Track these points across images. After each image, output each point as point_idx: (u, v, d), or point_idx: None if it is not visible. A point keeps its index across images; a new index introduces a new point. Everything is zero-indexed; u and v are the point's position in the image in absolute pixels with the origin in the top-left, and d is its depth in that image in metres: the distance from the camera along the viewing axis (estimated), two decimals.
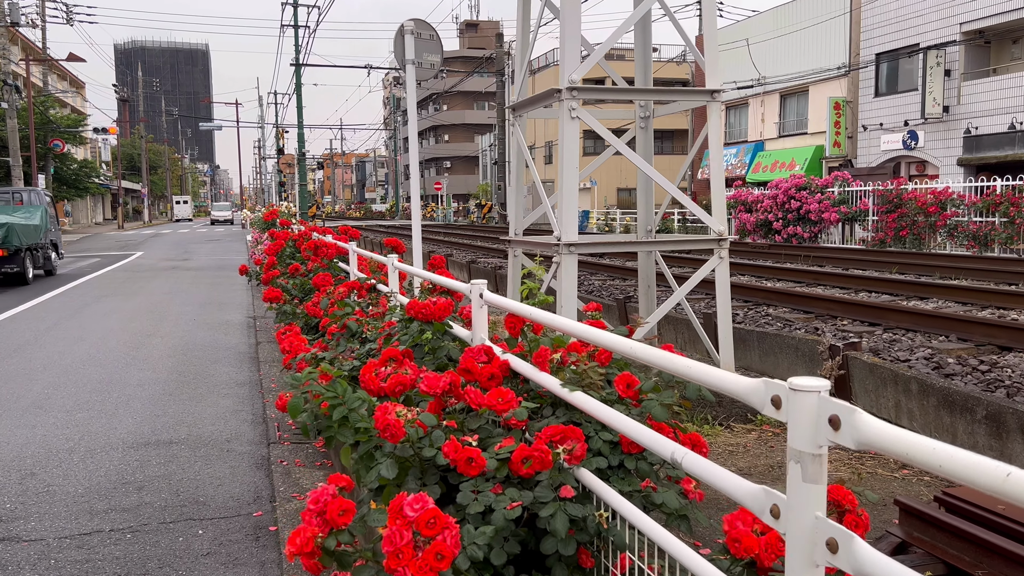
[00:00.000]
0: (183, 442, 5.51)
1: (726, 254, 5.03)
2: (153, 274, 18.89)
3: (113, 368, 8.04)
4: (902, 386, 4.29)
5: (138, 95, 76.00)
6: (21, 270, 15.79)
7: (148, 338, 9.86)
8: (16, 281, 15.99)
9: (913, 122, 24.66)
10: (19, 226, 15.70)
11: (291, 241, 10.28)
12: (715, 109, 5.75)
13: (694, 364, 1.94)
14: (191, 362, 8.33)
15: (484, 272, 13.58)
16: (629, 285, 13.04)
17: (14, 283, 16.02)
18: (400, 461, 2.22)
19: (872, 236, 17.26)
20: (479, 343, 3.16)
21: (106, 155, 67.45)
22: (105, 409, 6.41)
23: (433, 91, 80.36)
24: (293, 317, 6.98)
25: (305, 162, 35.43)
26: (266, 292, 6.75)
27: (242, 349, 9.13)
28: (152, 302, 13.46)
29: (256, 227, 25.41)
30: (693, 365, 1.93)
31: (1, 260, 15.32)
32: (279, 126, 49.34)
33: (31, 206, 17.95)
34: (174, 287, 15.85)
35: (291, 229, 11.75)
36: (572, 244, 4.85)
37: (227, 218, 66.28)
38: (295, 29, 32.11)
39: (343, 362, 3.86)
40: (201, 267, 20.95)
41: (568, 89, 4.74)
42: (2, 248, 15.16)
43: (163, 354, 8.78)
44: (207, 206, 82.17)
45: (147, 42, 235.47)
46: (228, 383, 7.33)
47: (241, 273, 11.63)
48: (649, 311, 6.07)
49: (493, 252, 19.80)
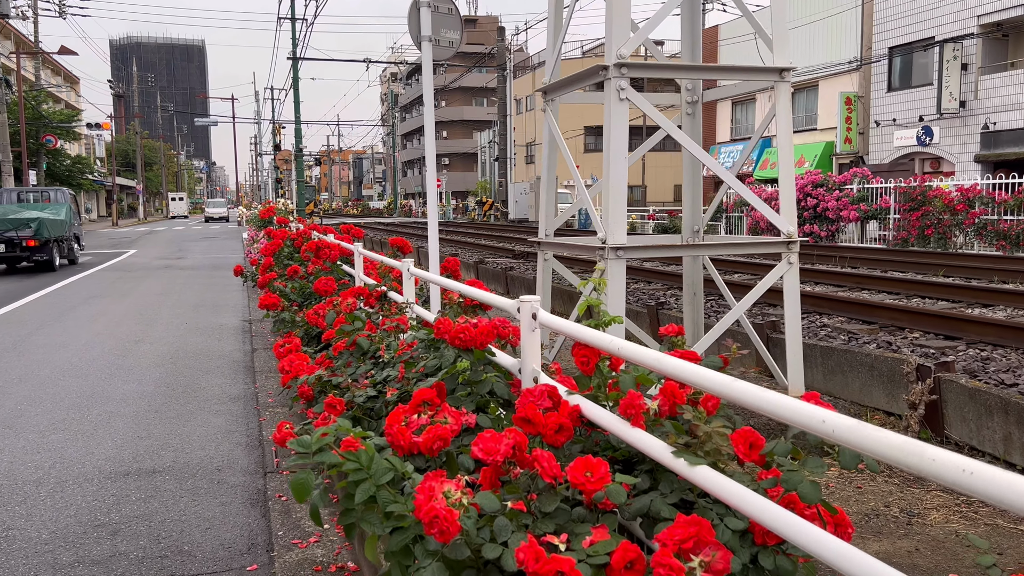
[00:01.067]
0: (168, 471, 4.85)
1: (796, 259, 4.34)
2: (145, 273, 18.21)
3: (96, 379, 7.37)
4: (1014, 416, 3.63)
5: (133, 90, 75.06)
6: (50, 258, 18.28)
7: (136, 344, 9.19)
8: (45, 268, 18.55)
9: (928, 117, 24.02)
10: (48, 221, 18.13)
11: (289, 240, 9.62)
12: (784, 91, 5.10)
13: (887, 437, 1.32)
14: (181, 372, 7.67)
15: (494, 274, 12.89)
16: (656, 289, 12.28)
17: (44, 269, 18.57)
18: (451, 564, 1.58)
19: (894, 235, 16.59)
20: (530, 375, 2.51)
21: (100, 151, 66.65)
22: (83, 429, 5.75)
23: None
24: (292, 325, 6.33)
25: (303, 158, 34.72)
26: (262, 298, 6.10)
27: (237, 357, 8.46)
28: (143, 304, 12.79)
29: (252, 225, 24.75)
30: (884, 439, 1.32)
31: (33, 250, 17.79)
32: (276, 122, 48.62)
33: (57, 203, 20.47)
34: (166, 288, 15.17)
35: (289, 227, 11.09)
36: (620, 248, 4.19)
37: (222, 215, 65.37)
38: (292, 22, 31.37)
39: (355, 391, 3.19)
40: (195, 266, 20.27)
41: (617, 66, 4.07)
42: (34, 239, 17.64)
43: (151, 363, 8.11)
44: (203, 203, 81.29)
45: (142, 38, 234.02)
46: (220, 397, 6.67)
47: (236, 274, 10.97)
48: (695, 322, 5.40)
49: (500, 252, 19.05)
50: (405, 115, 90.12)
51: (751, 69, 4.97)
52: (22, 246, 17.61)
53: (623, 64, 4.06)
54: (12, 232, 17.51)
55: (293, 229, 12.05)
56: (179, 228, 48.48)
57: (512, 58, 39.60)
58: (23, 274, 17.94)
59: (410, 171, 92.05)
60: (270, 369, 7.78)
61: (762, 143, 32.65)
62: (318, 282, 6.02)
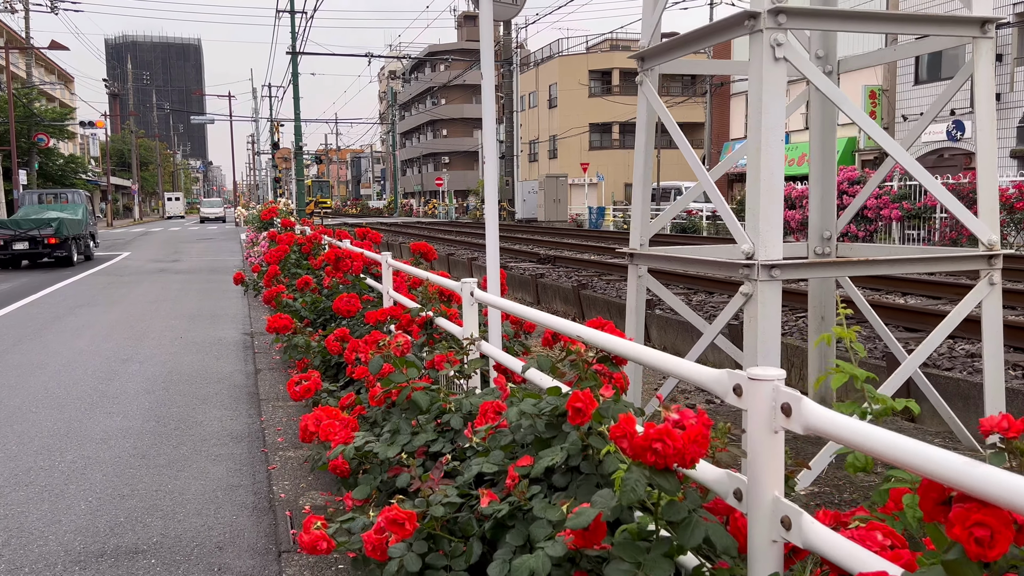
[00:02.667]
0: (154, 550, 3.78)
1: (999, 278, 3.28)
2: (138, 278, 17.11)
3: (74, 411, 6.30)
4: None
5: (128, 88, 73.80)
6: (68, 255, 19.97)
7: (124, 364, 8.10)
8: (64, 263, 20.17)
9: (960, 111, 22.98)
10: (67, 220, 19.87)
11: (296, 246, 8.55)
12: (985, 50, 4.04)
13: None
14: (174, 401, 6.59)
15: (521, 281, 11.69)
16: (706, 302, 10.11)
17: (63, 264, 20.16)
18: None
19: (941, 235, 15.50)
20: (768, 523, 1.43)
21: (95, 151, 65.44)
22: (51, 484, 4.67)
23: (431, 84, 78.50)
24: (306, 351, 5.24)
25: (302, 156, 33.60)
26: (271, 320, 5.03)
27: (238, 380, 7.39)
28: (134, 314, 11.70)
29: (252, 226, 23.67)
30: None
31: (54, 247, 19.41)
32: (274, 120, 47.50)
33: (75, 204, 22.69)
34: (160, 294, 14.08)
35: (295, 231, 10.02)
36: (776, 265, 3.11)
37: (219, 215, 63.97)
38: (292, 15, 30.24)
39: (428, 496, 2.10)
40: (192, 270, 19.17)
41: (773, 12, 2.99)
42: (55, 237, 19.22)
43: (140, 388, 7.03)
44: (199, 203, 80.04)
45: (138, 36, 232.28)
46: (220, 436, 5.60)
47: (236, 282, 9.87)
48: (823, 356, 4.30)
49: (520, 255, 17.59)
50: (404, 113, 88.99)
51: (946, 20, 3.87)
52: (44, 243, 19.28)
53: (781, 9, 2.96)
54: (35, 231, 19.22)
55: (299, 232, 10.97)
56: (175, 229, 47.32)
57: (518, 53, 38.48)
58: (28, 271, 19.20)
59: (409, 170, 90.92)
60: (277, 396, 6.71)
61: None
62: (339, 300, 4.95)
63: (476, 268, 13.91)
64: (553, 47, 52.66)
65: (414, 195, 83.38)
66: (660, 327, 7.03)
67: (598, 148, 49.24)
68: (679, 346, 6.67)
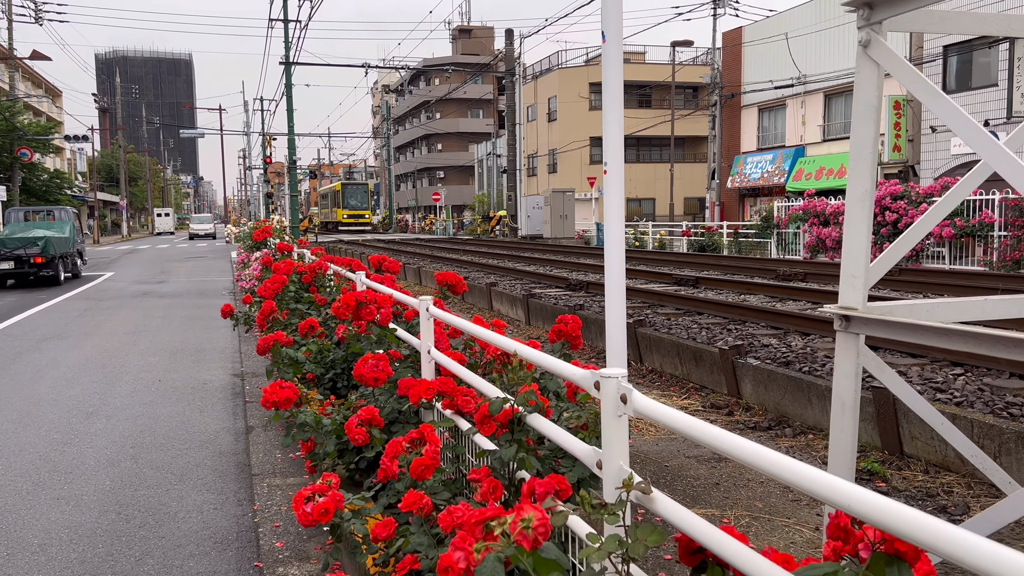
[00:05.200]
0: None
1: None
2: (118, 303, 15.67)
3: (11, 498, 4.90)
4: None
5: (117, 102, 72.30)
6: (55, 273, 19.44)
7: (87, 420, 6.70)
8: (51, 282, 19.69)
9: (995, 122, 21.78)
10: (54, 238, 19.26)
11: (297, 275, 7.16)
12: None
13: None
14: (143, 479, 5.20)
15: (550, 312, 10.10)
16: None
17: (49, 284, 19.68)
18: None
19: (1000, 255, 14.16)
20: None
21: (82, 166, 63.92)
22: None
23: (426, 98, 77.37)
24: (315, 430, 3.85)
25: (296, 171, 32.20)
26: (268, 392, 3.66)
27: (224, 443, 6.00)
28: (108, 349, 10.28)
29: (243, 244, 22.31)
30: None
31: (40, 266, 18.81)
32: (266, 134, 46.16)
33: (61, 221, 21.93)
34: (141, 324, 12.66)
35: (294, 256, 8.62)
36: None
37: (208, 232, 62.37)
38: (285, 24, 28.92)
39: None
40: (178, 292, 17.74)
41: None
42: (41, 256, 18.64)
43: (101, 459, 5.63)
44: (189, 219, 78.45)
45: (129, 51, 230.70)
46: (199, 539, 4.20)
47: (224, 315, 8.42)
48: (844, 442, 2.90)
49: (544, 279, 15.10)
50: (398, 127, 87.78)
51: None
52: (30, 263, 18.65)
53: None
54: (21, 250, 18.61)
55: (297, 257, 9.57)
56: (163, 246, 45.79)
57: (522, 63, 37.25)
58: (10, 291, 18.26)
59: (404, 185, 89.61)
60: (274, 468, 5.33)
61: (795, 152, 30.40)
62: (363, 364, 3.58)
63: (499, 296, 12.33)
64: (552, 60, 51.55)
65: (408, 210, 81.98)
66: (755, 380, 5.58)
67: (599, 162, 47.99)
68: (786, 406, 5.20)
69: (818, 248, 18.75)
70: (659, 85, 48.42)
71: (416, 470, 2.60)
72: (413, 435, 2.81)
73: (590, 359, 8.32)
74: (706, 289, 13.21)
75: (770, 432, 5.05)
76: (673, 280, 14.16)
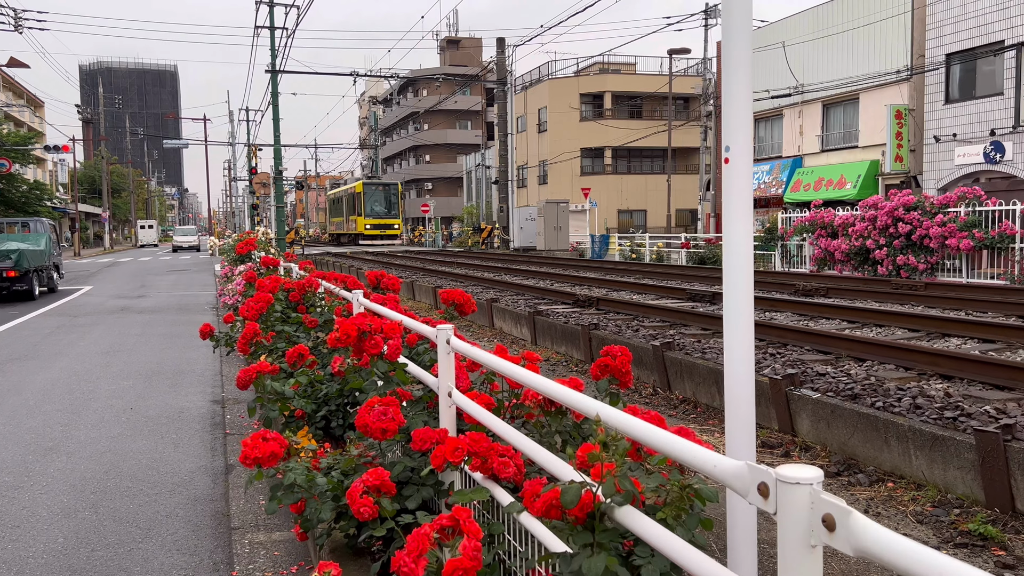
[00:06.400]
0: None
1: None
2: (94, 320, 14.83)
3: None
4: None
5: (99, 112, 71.17)
6: (30, 288, 18.77)
7: (44, 458, 5.92)
8: (25, 297, 18.93)
9: (1000, 131, 21.31)
10: (28, 251, 18.47)
11: (283, 293, 6.42)
12: None
13: None
14: (102, 534, 4.44)
15: (566, 334, 8.82)
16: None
17: (23, 298, 18.87)
18: None
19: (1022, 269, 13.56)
20: None
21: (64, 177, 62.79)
22: None
23: (414, 109, 76.75)
24: (308, 491, 3.11)
25: (282, 181, 31.38)
26: (249, 446, 2.93)
27: (201, 488, 5.25)
28: (78, 372, 9.49)
29: (226, 257, 21.51)
30: None
31: (13, 280, 18.07)
32: (252, 145, 45.33)
33: (37, 233, 21.08)
34: (116, 342, 11.85)
35: (280, 271, 7.87)
36: None
37: (192, 244, 61.21)
38: (271, 30, 28.18)
39: None
40: (157, 308, 16.92)
41: None
42: (14, 270, 17.87)
43: (56, 508, 4.87)
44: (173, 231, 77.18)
45: (113, 62, 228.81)
46: None
47: (203, 336, 7.63)
48: None
49: (548, 295, 14.15)
50: (386, 138, 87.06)
51: None
52: (2, 277, 17.92)
53: None
54: None
55: (283, 272, 8.82)
56: (145, 259, 44.78)
57: (513, 73, 36.61)
58: None
59: None
60: (256, 520, 4.59)
61: (792, 163, 29.86)
62: (366, 412, 2.87)
63: (502, 313, 11.43)
64: (542, 70, 51.05)
65: None
66: (814, 415, 4.82)
67: (590, 173, 47.51)
68: (855, 447, 4.43)
69: (825, 261, 18.11)
70: (650, 96, 47.99)
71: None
72: (443, 521, 2.09)
73: (643, 399, 7.26)
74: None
75: (840, 479, 4.35)
76: (687, 296, 13.30)
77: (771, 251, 21.02)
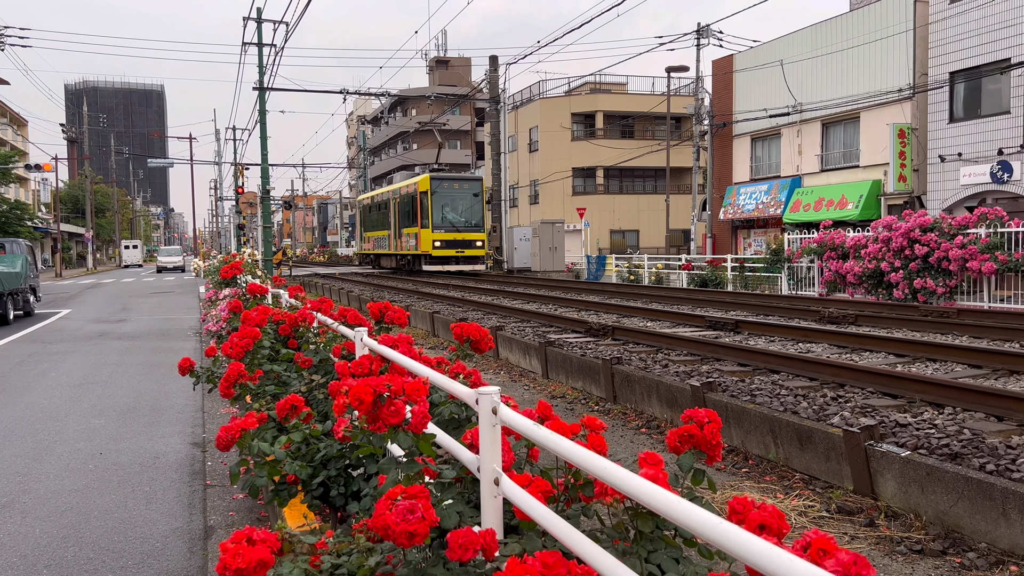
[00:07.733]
0: None
1: None
2: (69, 347, 13.99)
3: None
4: None
5: (84, 131, 70.15)
6: (3, 312, 18.00)
7: None
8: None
9: (1008, 151, 20.85)
10: (3, 274, 17.69)
11: (272, 325, 5.68)
12: None
13: None
14: None
15: (583, 368, 8.09)
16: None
17: None
18: None
19: None
20: None
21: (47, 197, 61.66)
22: None
23: (402, 129, 76.22)
24: None
25: (269, 201, 30.60)
26: (228, 555, 2.18)
27: (173, 555, 4.49)
28: (45, 408, 8.68)
29: (211, 280, 20.70)
30: None
31: None
32: (239, 164, 44.56)
33: (13, 255, 19.96)
34: (90, 373, 11.03)
35: (267, 300, 7.12)
36: None
37: (177, 264, 60.07)
38: (259, 47, 27.53)
39: None
40: (138, 333, 16.08)
41: None
42: None
43: None
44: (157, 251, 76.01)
45: (99, 82, 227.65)
46: None
47: (182, 372, 6.83)
48: None
49: (558, 322, 13.19)
50: (374, 158, 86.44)
51: None
52: None
53: None
54: None
55: (271, 299, 8.05)
56: (128, 280, 43.77)
57: (506, 91, 36.09)
58: None
59: None
60: None
61: (791, 183, 29.36)
62: (390, 507, 2.13)
63: (508, 343, 10.49)
64: (533, 89, 50.62)
65: None
66: (903, 477, 4.20)
67: (582, 193, 46.98)
68: (959, 518, 3.71)
69: (836, 284, 17.46)
70: (642, 116, 47.60)
71: None
72: None
73: (734, 472, 5.57)
74: (750, 335, 11.27)
75: (946, 558, 3.63)
76: (707, 323, 12.31)
77: (776, 272, 20.36)
